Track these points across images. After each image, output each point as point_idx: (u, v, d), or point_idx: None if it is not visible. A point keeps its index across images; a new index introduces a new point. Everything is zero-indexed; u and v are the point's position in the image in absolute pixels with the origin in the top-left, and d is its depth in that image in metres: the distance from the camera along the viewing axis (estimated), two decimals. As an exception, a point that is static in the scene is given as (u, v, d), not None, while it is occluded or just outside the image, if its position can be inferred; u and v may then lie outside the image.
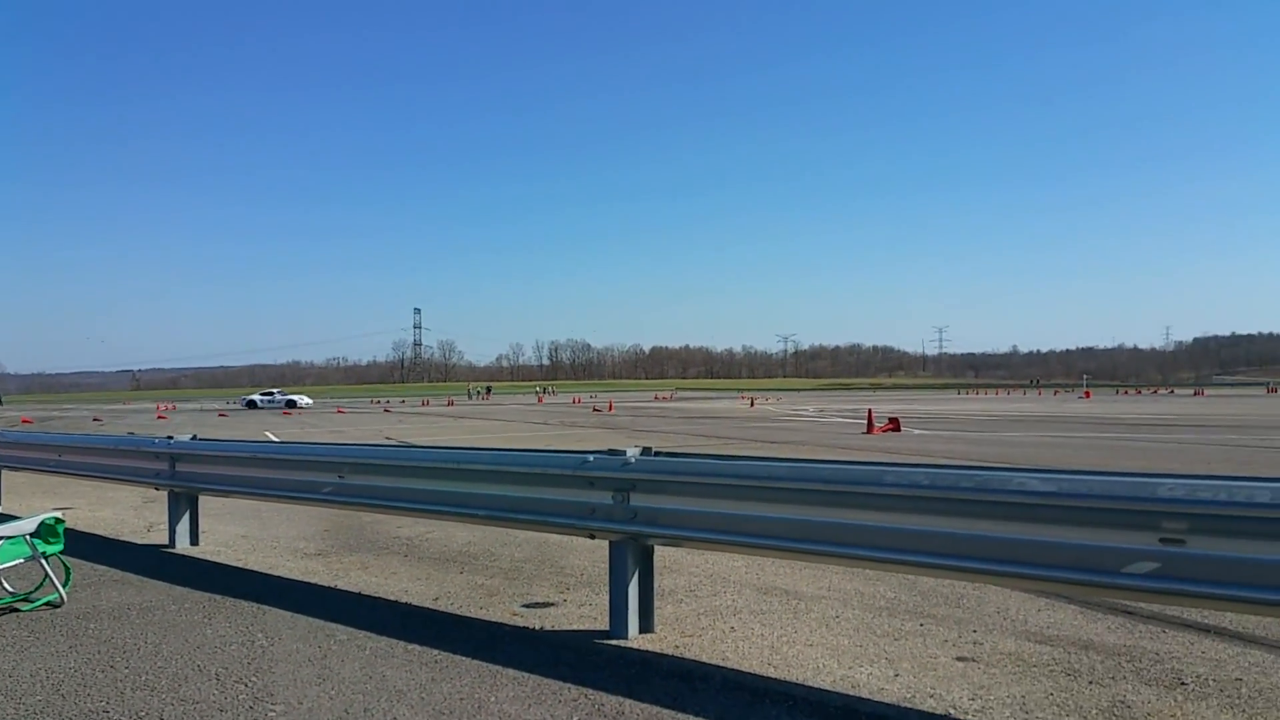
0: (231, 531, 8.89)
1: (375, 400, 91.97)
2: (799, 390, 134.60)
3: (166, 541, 8.12)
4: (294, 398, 69.80)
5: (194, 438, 8.25)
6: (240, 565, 7.23)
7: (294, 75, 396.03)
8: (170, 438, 8.28)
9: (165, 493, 8.28)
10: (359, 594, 6.17)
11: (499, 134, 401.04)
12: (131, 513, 10.42)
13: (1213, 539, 3.20)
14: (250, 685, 4.24)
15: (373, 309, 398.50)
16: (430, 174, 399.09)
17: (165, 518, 8.27)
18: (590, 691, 4.07)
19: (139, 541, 8.47)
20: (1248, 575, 3.13)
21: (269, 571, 6.96)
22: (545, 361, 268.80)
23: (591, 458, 5.07)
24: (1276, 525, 3.07)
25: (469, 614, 5.57)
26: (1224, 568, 3.17)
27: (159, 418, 46.65)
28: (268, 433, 27.98)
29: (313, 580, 6.62)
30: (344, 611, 5.63)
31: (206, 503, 8.71)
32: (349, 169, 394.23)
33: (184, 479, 7.92)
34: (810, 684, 4.16)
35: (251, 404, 67.24)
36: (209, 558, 7.55)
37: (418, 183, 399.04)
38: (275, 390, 75.16)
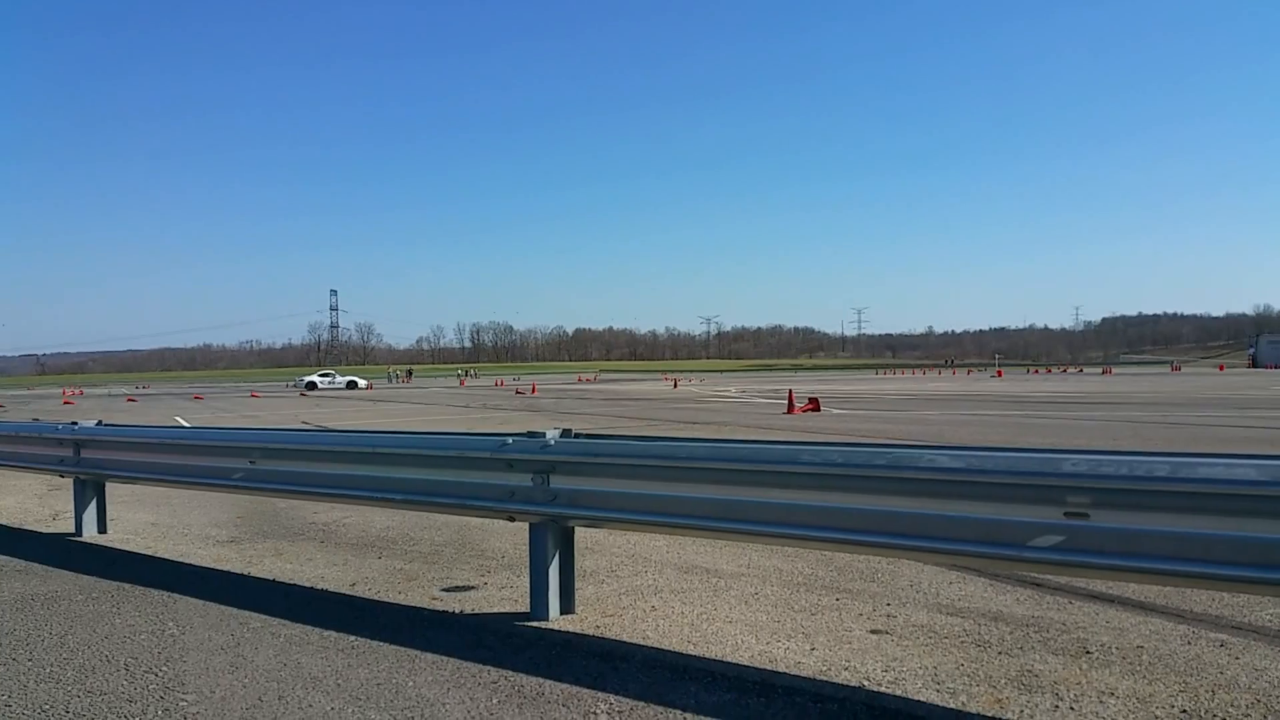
0: (141, 519, 8.63)
1: (291, 384, 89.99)
2: (722, 371, 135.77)
3: (72, 530, 7.86)
4: (354, 379, 67.37)
5: (100, 423, 7.99)
6: (150, 553, 7.02)
7: (205, 54, 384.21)
8: (75, 423, 8.00)
9: (70, 480, 8.00)
10: (273, 581, 6.04)
11: (417, 117, 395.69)
12: (35, 500, 10.05)
13: (1115, 512, 3.29)
14: (160, 675, 4.12)
15: (287, 291, 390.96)
16: (346, 155, 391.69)
17: (71, 505, 8.00)
18: (510, 673, 4.05)
19: (43, 530, 8.18)
20: (1148, 546, 3.23)
21: (180, 559, 6.78)
22: (467, 344, 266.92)
23: (510, 440, 5.03)
24: (1173, 498, 3.18)
25: (387, 599, 5.50)
26: (1125, 540, 3.27)
27: (66, 403, 45.02)
28: (178, 418, 27.20)
29: (225, 568, 6.47)
30: (258, 599, 5.51)
31: (115, 490, 8.44)
32: (262, 149, 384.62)
33: (90, 465, 7.66)
34: (729, 660, 4.21)
35: (312, 385, 64.22)
36: (117, 546, 7.32)
37: (333, 164, 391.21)
38: (333, 371, 72.92)
